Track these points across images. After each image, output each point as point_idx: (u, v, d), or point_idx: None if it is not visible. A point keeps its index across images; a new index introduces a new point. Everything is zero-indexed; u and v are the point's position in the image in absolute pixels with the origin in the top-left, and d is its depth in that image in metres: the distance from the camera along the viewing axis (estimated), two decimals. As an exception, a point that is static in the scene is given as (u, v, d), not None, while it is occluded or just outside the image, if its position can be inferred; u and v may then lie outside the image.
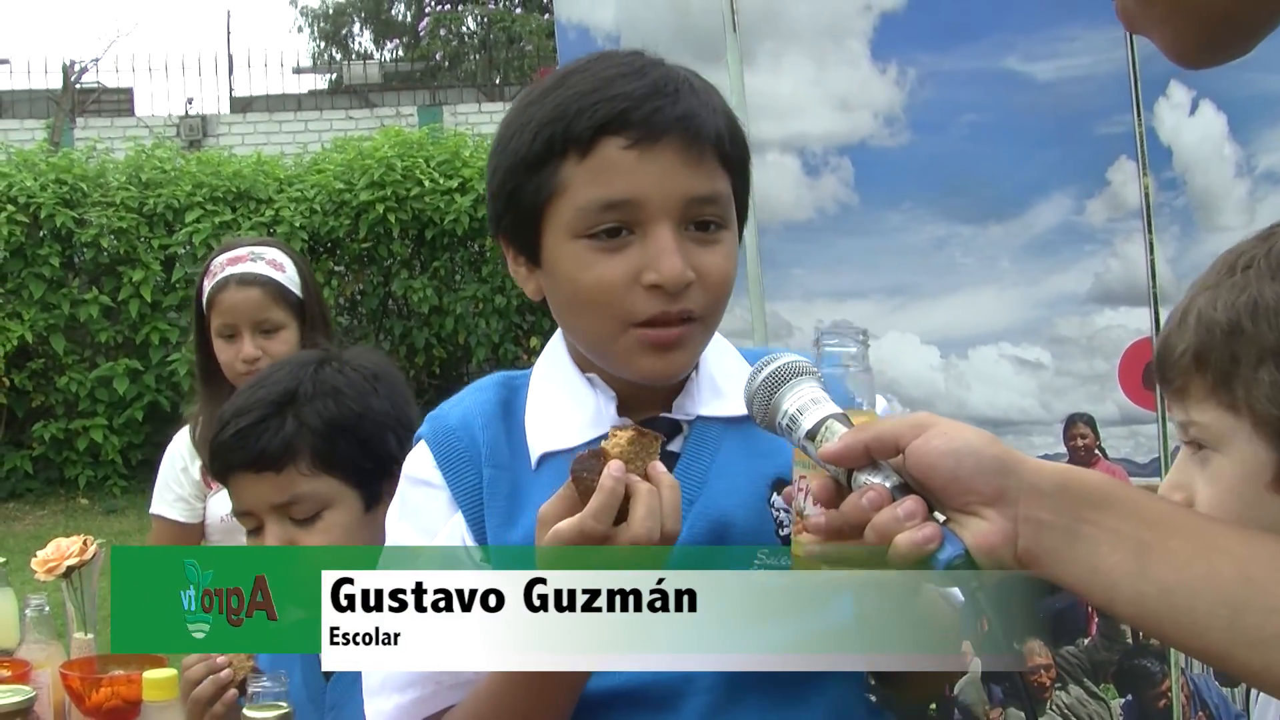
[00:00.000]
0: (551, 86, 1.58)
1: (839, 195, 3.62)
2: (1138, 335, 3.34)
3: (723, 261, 1.56)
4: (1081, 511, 1.17)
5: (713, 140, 1.55)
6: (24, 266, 10.50)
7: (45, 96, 16.51)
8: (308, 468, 2.09)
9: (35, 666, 2.44)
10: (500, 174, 1.60)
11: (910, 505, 1.21)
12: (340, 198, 11.04)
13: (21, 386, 10.61)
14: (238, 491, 2.12)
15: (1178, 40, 1.01)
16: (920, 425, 1.23)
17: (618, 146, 1.51)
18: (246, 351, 3.24)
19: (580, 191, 1.52)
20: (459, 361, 11.72)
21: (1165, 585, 1.13)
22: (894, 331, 3.59)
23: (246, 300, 3.28)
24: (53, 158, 11.14)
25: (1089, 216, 3.38)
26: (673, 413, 1.62)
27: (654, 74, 1.55)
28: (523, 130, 1.56)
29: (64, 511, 10.33)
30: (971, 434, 1.22)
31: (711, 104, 1.58)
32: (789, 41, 3.69)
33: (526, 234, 1.58)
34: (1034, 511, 1.18)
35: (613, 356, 1.56)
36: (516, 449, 1.62)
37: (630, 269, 1.51)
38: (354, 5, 31.52)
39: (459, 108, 16.88)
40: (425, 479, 1.64)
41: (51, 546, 2.65)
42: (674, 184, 1.52)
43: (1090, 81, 3.31)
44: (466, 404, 1.69)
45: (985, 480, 1.19)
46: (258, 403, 2.14)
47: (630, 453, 1.36)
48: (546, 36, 20.44)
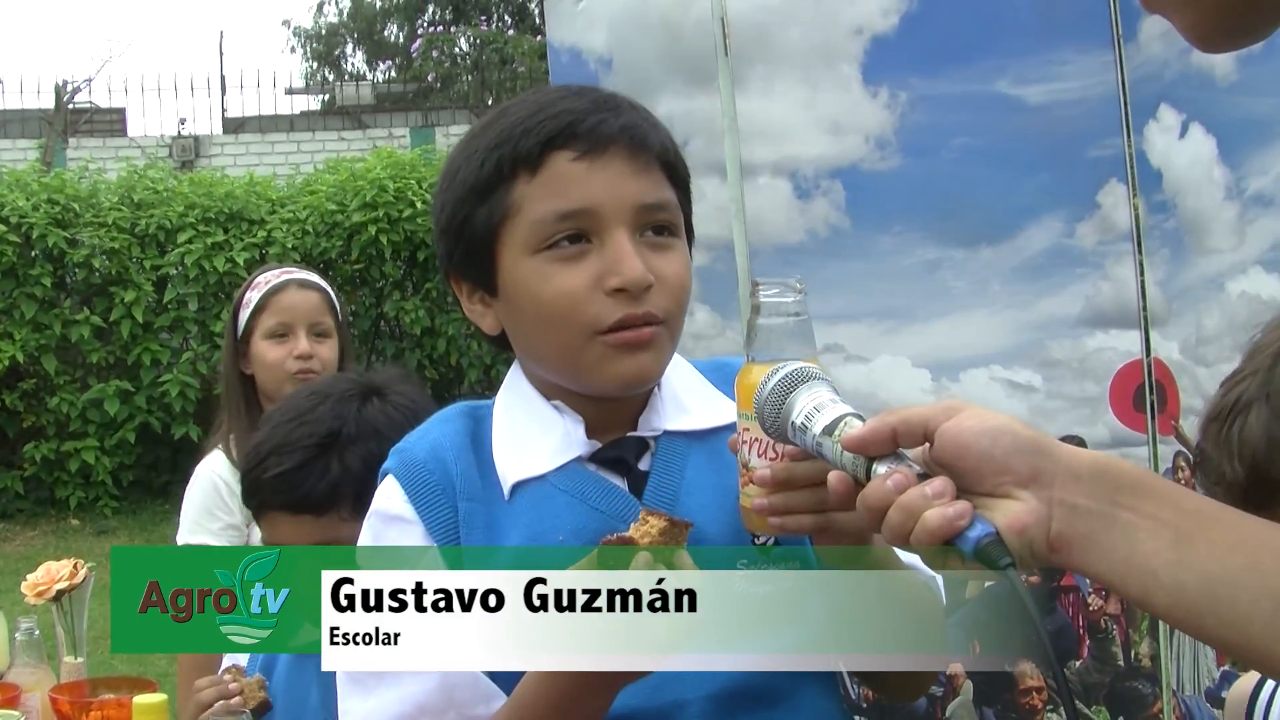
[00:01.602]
0: (492, 119, 1.61)
1: (830, 218, 3.63)
2: (1128, 358, 3.34)
3: (679, 267, 1.58)
4: (1119, 497, 1.14)
5: (657, 151, 1.58)
6: (16, 286, 10.48)
7: (37, 116, 16.51)
8: (349, 513, 2.05)
9: (25, 690, 2.44)
10: (449, 208, 1.61)
11: (939, 484, 1.19)
12: (333, 219, 11.04)
13: (13, 407, 10.59)
14: (273, 530, 2.10)
15: (1199, 23, 1.00)
16: (951, 408, 1.21)
17: (567, 159, 1.53)
18: (302, 348, 3.30)
19: (534, 207, 1.54)
20: (451, 383, 11.72)
21: (1206, 575, 1.10)
22: (885, 354, 3.60)
23: (306, 300, 3.38)
24: (45, 178, 11.13)
25: (1079, 239, 3.39)
26: (639, 430, 1.62)
27: (593, 94, 1.60)
28: (469, 161, 1.59)
29: (55, 532, 10.30)
30: (1004, 416, 1.20)
31: (651, 120, 1.62)
32: (780, 65, 3.70)
33: (480, 263, 1.59)
34: (1070, 495, 1.15)
35: (582, 370, 1.56)
36: (488, 480, 1.60)
37: (591, 276, 1.52)
38: (346, 26, 31.55)
39: (451, 129, 16.91)
40: (397, 514, 1.60)
41: (41, 570, 2.65)
42: (625, 191, 1.54)
43: (1080, 105, 3.33)
44: (434, 436, 1.66)
45: (1021, 460, 1.17)
46: (299, 442, 2.11)
47: (660, 542, 1.35)
48: (539, 58, 20.46)
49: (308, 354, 3.31)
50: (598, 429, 1.62)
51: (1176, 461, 3.35)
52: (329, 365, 3.34)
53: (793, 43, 3.72)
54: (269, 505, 2.09)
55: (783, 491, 1.40)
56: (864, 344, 3.64)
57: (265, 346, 3.34)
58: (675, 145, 1.64)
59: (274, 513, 2.09)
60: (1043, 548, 1.16)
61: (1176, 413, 3.34)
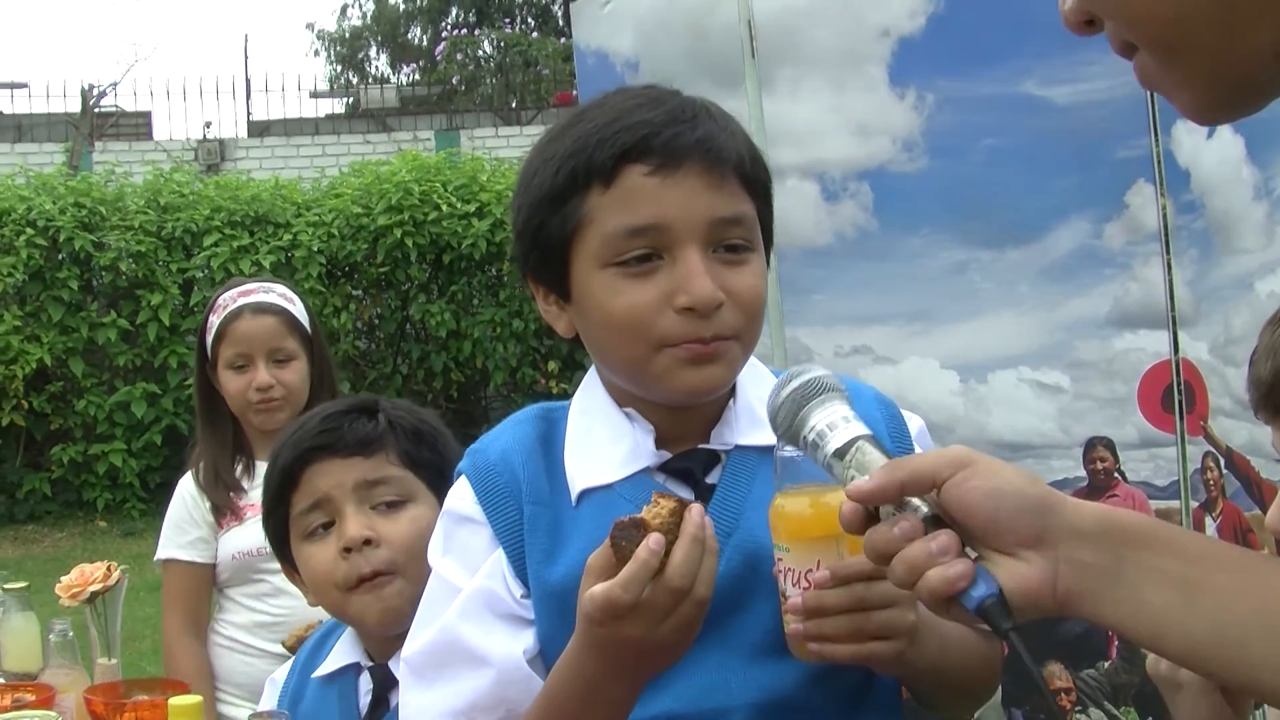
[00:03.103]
0: (570, 123, 1.60)
1: (858, 221, 3.63)
2: (1156, 358, 3.33)
3: (753, 281, 1.56)
4: (1124, 551, 1.16)
5: (733, 163, 1.56)
6: (43, 290, 10.55)
7: (64, 120, 16.58)
8: (395, 460, 2.06)
9: (59, 691, 2.44)
10: (525, 212, 1.61)
11: (944, 540, 1.20)
12: (358, 222, 11.08)
13: (40, 409, 10.66)
14: (315, 479, 2.05)
15: (1195, 101, 1.02)
16: (958, 462, 1.22)
17: (640, 173, 1.52)
18: (261, 379, 3.22)
19: (606, 220, 1.53)
20: (477, 385, 11.75)
21: (1215, 622, 1.12)
22: (914, 356, 3.60)
23: (262, 328, 3.27)
24: (71, 181, 11.20)
25: (1107, 240, 3.38)
26: (710, 443, 1.61)
27: (671, 102, 1.57)
28: (544, 167, 1.58)
29: (82, 534, 10.36)
30: (1011, 473, 1.21)
31: (730, 128, 1.59)
32: (807, 67, 3.71)
33: (555, 269, 1.59)
34: (1076, 553, 1.17)
35: (650, 379, 1.56)
36: (557, 485, 1.61)
37: (661, 293, 1.52)
38: (370, 29, 31.63)
39: (476, 132, 16.93)
40: (467, 515, 1.64)
41: (76, 572, 2.66)
42: (698, 207, 1.52)
43: (1108, 105, 3.31)
44: (506, 439, 1.68)
45: (1026, 522, 1.18)
46: (338, 406, 2.12)
47: (670, 524, 1.36)
48: (563, 60, 20.49)
49: (266, 384, 3.23)
50: (670, 438, 1.62)
51: (1205, 462, 3.34)
52: (294, 390, 3.27)
53: (819, 45, 3.72)
54: (315, 452, 2.05)
55: (816, 619, 1.43)
56: (892, 346, 3.64)
57: (227, 376, 3.27)
58: (754, 152, 1.62)
59: (319, 462, 2.05)
60: (1050, 603, 1.18)
61: (1205, 413, 3.33)
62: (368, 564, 1.98)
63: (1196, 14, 0.93)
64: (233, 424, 3.33)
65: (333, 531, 2.03)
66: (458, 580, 1.61)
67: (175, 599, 3.29)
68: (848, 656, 1.44)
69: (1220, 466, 3.33)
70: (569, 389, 11.45)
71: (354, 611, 2.02)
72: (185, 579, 3.28)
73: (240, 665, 3.21)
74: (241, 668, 3.20)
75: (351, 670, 2.07)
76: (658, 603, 1.35)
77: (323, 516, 2.04)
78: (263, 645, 3.18)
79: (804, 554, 1.44)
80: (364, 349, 11.66)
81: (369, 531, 1.99)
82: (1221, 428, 3.32)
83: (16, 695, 2.42)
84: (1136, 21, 0.98)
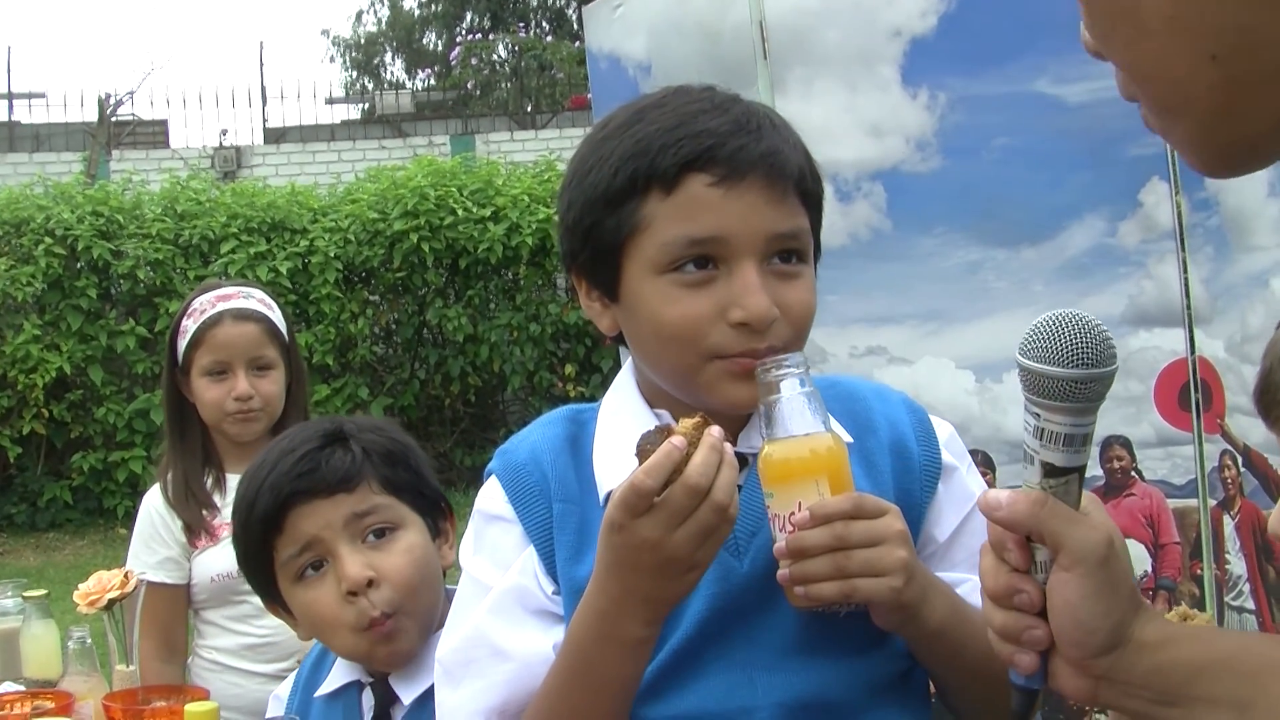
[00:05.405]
0: (629, 121, 1.57)
1: (872, 221, 3.63)
2: (1173, 356, 3.33)
3: (805, 295, 1.57)
4: (1170, 694, 1.19)
5: (795, 177, 1.55)
6: (62, 298, 10.59)
7: (81, 129, 16.63)
8: (377, 489, 2.04)
9: (78, 698, 2.45)
10: (577, 208, 1.59)
11: (1041, 635, 1.25)
12: (374, 227, 11.09)
13: (60, 417, 10.69)
14: (300, 523, 2.01)
15: (1198, 157, 1.02)
16: (1075, 558, 1.23)
17: (703, 184, 1.51)
18: (240, 388, 3.11)
19: (665, 228, 1.52)
20: (494, 389, 11.75)
21: None
22: (928, 356, 3.59)
23: (243, 335, 3.15)
24: (89, 190, 11.24)
25: (1122, 238, 3.38)
26: (738, 445, 1.59)
27: (735, 110, 1.56)
28: (601, 164, 1.56)
29: (103, 541, 10.38)
30: (1100, 598, 1.22)
31: (791, 140, 1.58)
32: (820, 68, 3.70)
33: (605, 270, 1.58)
34: (1121, 700, 1.22)
35: (697, 388, 1.56)
36: (585, 484, 1.62)
37: (715, 305, 1.51)
38: (385, 35, 31.72)
39: (491, 136, 16.95)
40: (498, 514, 1.64)
41: (93, 579, 2.66)
42: (758, 221, 1.52)
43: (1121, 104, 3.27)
44: (534, 439, 1.68)
45: (1093, 658, 1.22)
46: (305, 439, 2.07)
47: (695, 436, 1.38)
48: (578, 64, 20.48)
49: (246, 394, 3.11)
50: None
51: (1223, 460, 3.33)
52: (271, 400, 3.17)
53: (831, 45, 3.72)
54: (296, 495, 2.01)
55: (800, 561, 1.44)
56: (907, 346, 3.63)
57: (203, 384, 3.14)
58: (812, 164, 1.61)
59: (301, 505, 2.00)
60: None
61: (1222, 411, 3.32)
62: (375, 606, 1.96)
63: (1200, 78, 0.93)
64: (202, 435, 3.22)
65: (325, 571, 2.01)
66: (489, 579, 1.62)
67: (148, 623, 2.97)
68: (835, 594, 1.44)
69: (1238, 464, 3.32)
70: (586, 392, 11.40)
71: (363, 652, 2.01)
72: (156, 601, 3.07)
73: (230, 689, 3.04)
74: (232, 690, 3.04)
75: (354, 687, 2.06)
76: (676, 501, 1.36)
77: (312, 556, 2.02)
78: (251, 667, 3.09)
79: (786, 497, 1.46)
80: (381, 354, 11.68)
81: (369, 572, 1.97)
82: (1239, 425, 3.32)
83: (36, 702, 2.44)
84: (1143, 81, 0.99)
